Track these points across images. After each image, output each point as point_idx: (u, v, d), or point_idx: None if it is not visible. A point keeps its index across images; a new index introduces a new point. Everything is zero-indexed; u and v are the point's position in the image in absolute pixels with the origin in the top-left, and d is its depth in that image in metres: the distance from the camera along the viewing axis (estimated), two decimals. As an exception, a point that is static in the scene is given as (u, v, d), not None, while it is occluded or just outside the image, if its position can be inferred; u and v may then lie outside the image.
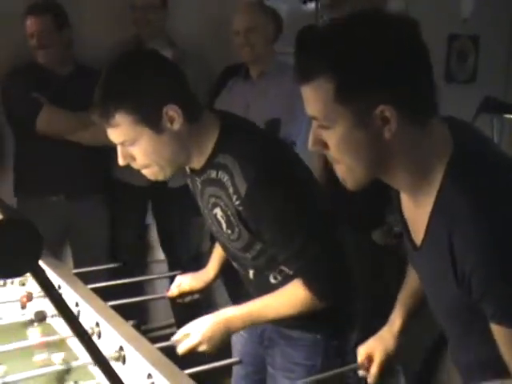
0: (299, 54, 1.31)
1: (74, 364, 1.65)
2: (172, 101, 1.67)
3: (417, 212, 1.36)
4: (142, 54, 1.79)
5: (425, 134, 1.29)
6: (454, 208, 1.25)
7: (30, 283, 2.12)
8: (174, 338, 1.81)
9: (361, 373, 1.76)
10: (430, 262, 1.36)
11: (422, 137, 1.29)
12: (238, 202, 1.70)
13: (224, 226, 1.79)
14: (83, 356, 1.72)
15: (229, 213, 1.75)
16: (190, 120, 1.71)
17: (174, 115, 1.67)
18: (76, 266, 3.20)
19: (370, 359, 1.77)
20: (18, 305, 2.03)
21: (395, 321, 1.75)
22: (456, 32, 4.74)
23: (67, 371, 1.62)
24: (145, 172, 1.78)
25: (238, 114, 1.93)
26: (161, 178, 1.79)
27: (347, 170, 1.33)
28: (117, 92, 1.66)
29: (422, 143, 1.29)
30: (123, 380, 1.50)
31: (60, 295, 0.85)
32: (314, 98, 1.29)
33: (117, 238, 3.46)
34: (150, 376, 1.52)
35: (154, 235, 3.75)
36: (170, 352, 1.67)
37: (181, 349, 1.78)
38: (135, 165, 1.76)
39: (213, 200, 1.79)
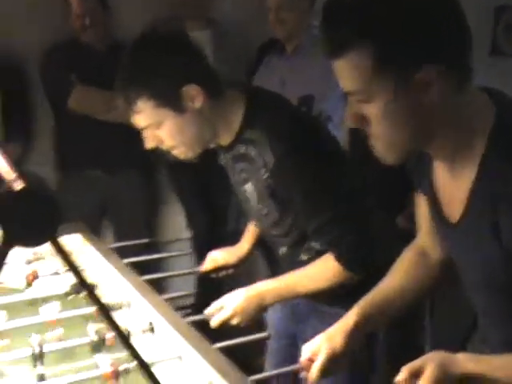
0: (327, 25, 1.24)
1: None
2: (191, 80, 1.68)
3: (454, 184, 1.31)
4: (157, 36, 1.80)
5: (466, 101, 1.25)
6: (499, 179, 1.20)
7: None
8: (208, 312, 1.82)
9: (302, 374, 1.56)
10: (469, 236, 1.31)
11: (463, 104, 1.24)
12: (266, 176, 1.71)
13: (255, 201, 1.81)
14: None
15: (259, 187, 1.76)
16: (212, 97, 1.72)
17: (194, 94, 1.69)
18: (115, 240, 3.25)
19: (314, 359, 1.54)
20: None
21: (351, 317, 1.54)
22: (503, 3, 4.61)
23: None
24: (174, 153, 1.80)
25: (274, 90, 1.92)
26: (190, 157, 1.80)
27: (388, 145, 1.28)
28: (135, 80, 1.69)
29: (464, 110, 1.25)
30: (152, 352, 1.54)
31: (78, 267, 0.85)
32: (349, 72, 1.23)
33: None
34: (179, 349, 1.54)
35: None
36: (200, 326, 1.69)
37: (214, 322, 1.80)
38: (163, 147, 1.78)
39: (243, 175, 1.80)
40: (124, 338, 0.91)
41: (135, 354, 0.92)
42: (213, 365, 1.41)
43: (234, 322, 1.80)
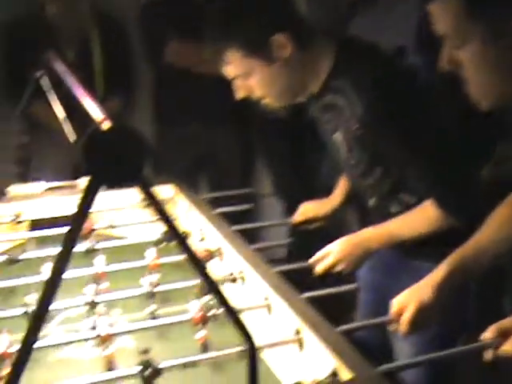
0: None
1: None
2: (281, 29, 1.67)
3: None
4: None
5: None
6: None
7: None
8: (312, 260, 1.83)
9: (391, 327, 1.54)
10: None
11: None
12: (355, 126, 1.69)
13: (344, 151, 1.79)
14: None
15: (348, 137, 1.75)
16: (301, 47, 1.71)
17: (283, 43, 1.68)
18: (211, 192, 3.30)
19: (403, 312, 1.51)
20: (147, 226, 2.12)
21: (442, 269, 1.49)
22: None
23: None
24: (264, 102, 1.81)
25: (369, 39, 1.88)
26: (280, 106, 1.81)
27: (481, 90, 1.28)
28: (224, 30, 1.70)
29: None
30: (240, 300, 1.57)
31: (170, 216, 0.86)
32: (443, 16, 1.24)
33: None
34: (266, 298, 1.55)
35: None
36: (289, 277, 1.69)
37: (319, 268, 1.80)
38: (253, 96, 1.79)
39: (332, 125, 1.79)
40: (213, 285, 0.92)
41: (224, 301, 0.93)
42: (300, 314, 1.42)
43: (339, 268, 1.81)
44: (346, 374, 1.21)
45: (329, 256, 1.81)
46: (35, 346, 0.79)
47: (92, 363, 1.49)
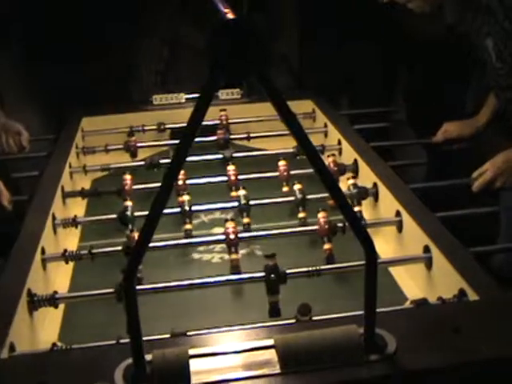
0: None
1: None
2: None
3: None
4: None
5: None
6: None
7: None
8: (473, 176, 1.76)
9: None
10: None
11: None
12: (509, 28, 1.60)
13: (494, 59, 1.69)
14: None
15: (499, 43, 1.66)
16: None
17: None
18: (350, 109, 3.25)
19: None
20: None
21: None
22: None
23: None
24: (410, 6, 1.75)
25: None
26: (426, 11, 1.73)
27: None
28: None
29: None
30: (371, 215, 1.54)
31: (285, 103, 0.85)
32: None
33: None
34: (398, 214, 1.52)
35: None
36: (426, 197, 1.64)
37: (476, 186, 1.73)
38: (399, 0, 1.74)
39: (484, 29, 1.69)
40: (341, 199, 0.90)
41: (349, 214, 0.92)
42: (430, 230, 1.38)
43: (498, 183, 1.72)
44: (473, 295, 1.17)
45: (486, 173, 1.72)
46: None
47: (220, 266, 1.54)
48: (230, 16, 0.83)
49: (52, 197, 1.64)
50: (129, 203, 1.63)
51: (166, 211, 0.87)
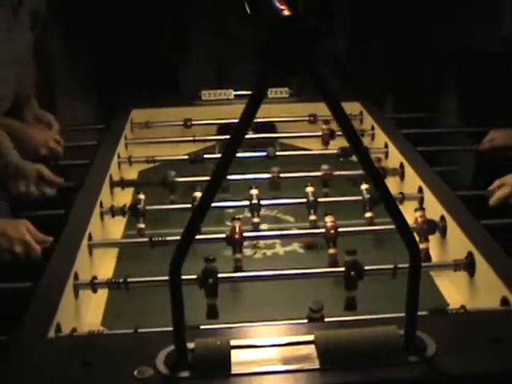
0: None
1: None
2: None
3: None
4: None
5: None
6: None
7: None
8: (489, 189, 1.74)
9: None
10: None
11: None
12: None
13: None
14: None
15: None
16: None
17: None
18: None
19: None
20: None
21: None
22: None
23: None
24: None
25: None
26: None
27: None
28: None
29: None
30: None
31: (337, 99, 0.85)
32: None
33: None
34: (442, 219, 1.52)
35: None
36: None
37: (494, 199, 1.71)
38: None
39: None
40: (390, 201, 0.91)
41: (400, 220, 0.92)
42: (473, 236, 1.38)
43: None
44: (516, 304, 1.16)
45: (504, 186, 1.69)
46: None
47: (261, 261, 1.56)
48: (286, 13, 0.83)
49: (101, 185, 1.67)
50: (141, 196, 1.67)
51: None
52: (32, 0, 1.92)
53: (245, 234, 1.46)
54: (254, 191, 1.67)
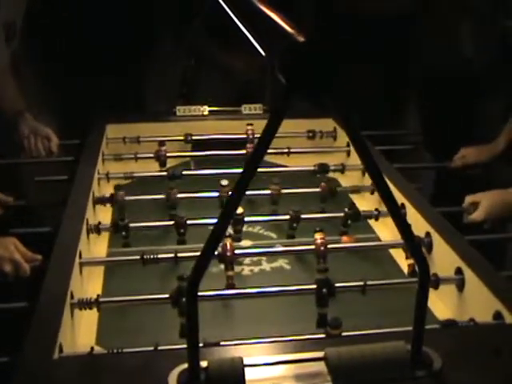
0: None
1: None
2: None
3: None
4: None
5: None
6: None
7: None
8: (464, 206, 1.78)
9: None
10: None
11: None
12: None
13: None
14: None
15: None
16: None
17: None
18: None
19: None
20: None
21: None
22: None
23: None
24: None
25: None
26: None
27: None
28: None
29: None
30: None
31: (358, 129, 0.87)
32: None
33: None
34: (428, 235, 1.55)
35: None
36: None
37: (467, 220, 1.75)
38: None
39: None
40: (399, 215, 0.93)
41: (411, 238, 0.94)
42: (461, 252, 1.41)
43: (485, 226, 1.75)
44: (509, 318, 1.20)
45: (478, 208, 1.73)
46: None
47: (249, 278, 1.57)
48: (301, 38, 0.84)
49: (85, 202, 1.66)
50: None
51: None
52: (7, 12, 1.90)
53: (236, 252, 1.47)
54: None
